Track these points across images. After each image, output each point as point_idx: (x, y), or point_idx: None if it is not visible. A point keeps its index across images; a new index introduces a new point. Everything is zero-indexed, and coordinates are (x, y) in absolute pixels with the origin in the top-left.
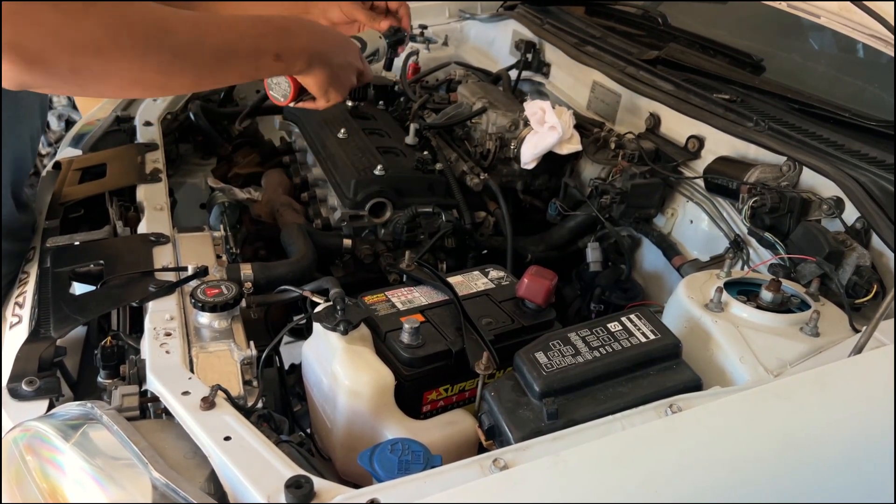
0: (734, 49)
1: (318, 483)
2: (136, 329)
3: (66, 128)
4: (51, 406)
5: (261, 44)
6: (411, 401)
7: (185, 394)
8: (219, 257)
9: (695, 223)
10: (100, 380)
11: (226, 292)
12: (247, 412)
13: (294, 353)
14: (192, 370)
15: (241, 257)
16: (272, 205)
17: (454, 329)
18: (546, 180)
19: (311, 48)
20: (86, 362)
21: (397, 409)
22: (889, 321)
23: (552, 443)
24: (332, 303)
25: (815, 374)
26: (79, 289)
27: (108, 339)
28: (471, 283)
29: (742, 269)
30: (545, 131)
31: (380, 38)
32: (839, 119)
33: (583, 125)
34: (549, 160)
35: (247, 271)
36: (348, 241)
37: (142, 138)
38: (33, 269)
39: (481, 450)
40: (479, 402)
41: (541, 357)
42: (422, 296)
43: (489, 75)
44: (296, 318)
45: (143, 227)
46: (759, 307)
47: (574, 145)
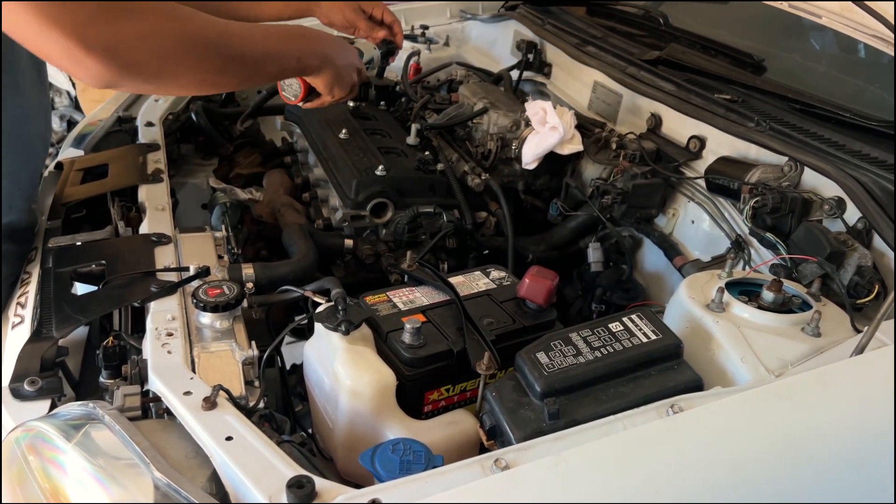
0: (735, 49)
1: (320, 483)
2: (138, 329)
3: (68, 128)
4: (53, 406)
5: (287, 49)
6: (413, 401)
7: (187, 394)
8: (220, 257)
9: (696, 223)
10: (101, 380)
11: (227, 292)
12: (248, 412)
13: (295, 353)
14: (193, 370)
15: (243, 257)
16: (273, 205)
17: (455, 329)
18: (547, 180)
19: (322, 51)
20: (87, 362)
21: (399, 410)
22: (890, 321)
23: (553, 443)
24: (333, 303)
25: (816, 375)
26: (81, 289)
27: (110, 339)
28: (472, 283)
29: (743, 269)
30: (546, 131)
31: (374, 49)
32: (840, 119)
33: (584, 125)
34: (551, 160)
35: (248, 271)
36: (349, 242)
37: (143, 139)
38: (35, 270)
39: (483, 450)
40: (480, 402)
41: (542, 357)
42: (423, 296)
43: (490, 76)
44: (297, 318)
45: (144, 228)
46: (760, 307)
47: (575, 145)
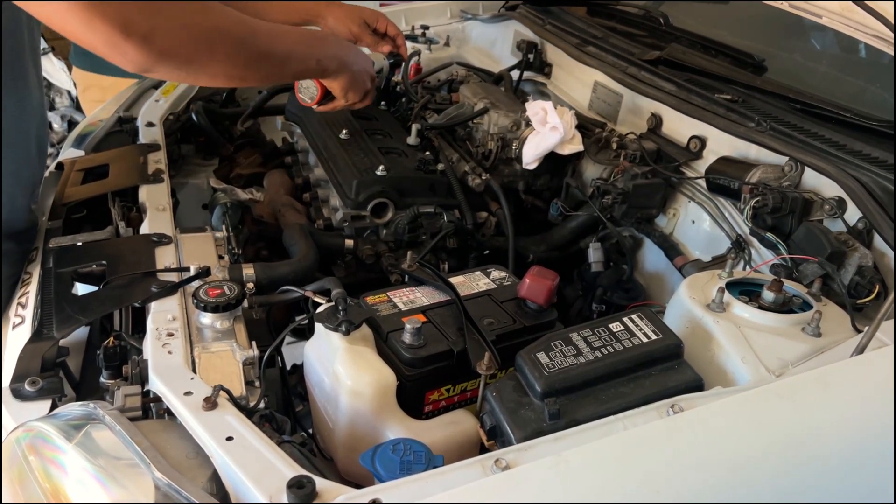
0: (736, 49)
1: (320, 483)
2: (139, 329)
3: (69, 128)
4: (53, 406)
5: (309, 51)
6: (413, 401)
7: (188, 394)
8: (221, 258)
9: (696, 223)
10: (102, 380)
11: (228, 293)
12: (249, 412)
13: (296, 353)
14: (194, 370)
15: (243, 258)
16: (274, 205)
17: (456, 329)
18: (548, 180)
19: (340, 55)
20: (88, 362)
21: (399, 410)
22: (891, 321)
23: (554, 443)
24: (333, 303)
25: (816, 375)
26: (81, 289)
27: (111, 339)
28: (472, 283)
29: (744, 269)
30: (547, 131)
31: (384, 60)
32: (841, 119)
33: (584, 125)
34: (551, 160)
35: (249, 272)
36: (350, 242)
37: (144, 139)
38: (36, 270)
39: (483, 450)
40: (480, 402)
41: (542, 357)
42: (423, 296)
43: (491, 76)
44: (298, 318)
45: (145, 228)
46: (760, 307)
47: (576, 145)
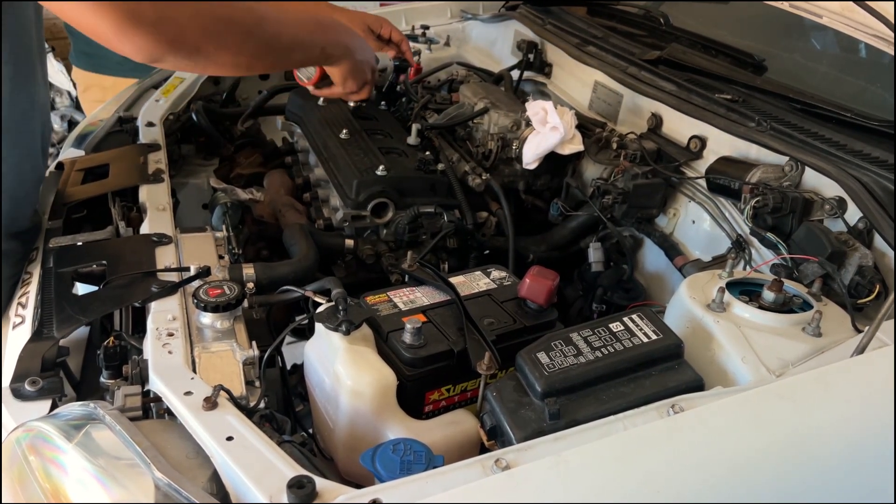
0: (736, 49)
1: (321, 483)
2: (139, 329)
3: (69, 128)
4: (53, 406)
5: (314, 39)
6: (413, 401)
7: (188, 394)
8: (221, 258)
9: (697, 223)
10: (102, 380)
11: (228, 292)
12: (249, 412)
13: (296, 353)
14: (194, 370)
15: (244, 257)
16: (274, 205)
17: (456, 329)
18: (548, 180)
19: (344, 43)
20: (88, 362)
21: (399, 410)
22: (891, 321)
23: (554, 443)
24: (334, 303)
25: (817, 375)
26: (81, 289)
27: (111, 339)
28: (472, 283)
29: (744, 269)
30: (547, 131)
31: (389, 60)
32: (841, 119)
33: (585, 125)
34: (551, 160)
35: (249, 271)
36: (350, 242)
37: (144, 139)
38: (36, 270)
39: (483, 450)
40: (480, 402)
41: (543, 357)
42: (424, 296)
43: (491, 75)
44: (298, 318)
45: (145, 228)
46: (761, 307)
47: (576, 145)
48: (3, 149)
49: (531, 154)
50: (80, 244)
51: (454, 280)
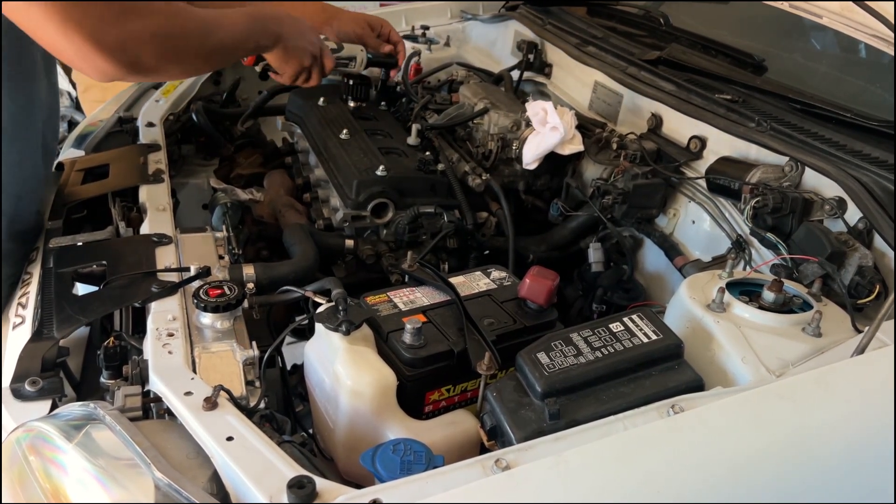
0: (736, 49)
1: (321, 483)
2: (139, 329)
3: (69, 129)
4: (53, 406)
5: (248, 34)
6: (413, 401)
7: (188, 394)
8: (221, 258)
9: (697, 223)
10: (102, 380)
11: (228, 293)
12: (249, 412)
13: (296, 353)
14: (194, 370)
15: (244, 258)
16: (274, 205)
17: (456, 329)
18: (548, 181)
19: (274, 31)
20: (88, 363)
21: (399, 410)
22: (891, 321)
23: (554, 443)
24: (334, 303)
25: (817, 375)
26: (81, 289)
27: (111, 339)
28: (473, 283)
29: (744, 269)
30: (547, 132)
31: (360, 51)
32: (841, 119)
33: (585, 125)
34: (551, 160)
35: (249, 272)
36: (350, 242)
37: (144, 139)
38: (36, 270)
39: (483, 450)
40: (480, 402)
41: (543, 357)
42: (424, 296)
43: (491, 76)
44: (298, 318)
45: (145, 228)
46: (761, 307)
47: (576, 146)
48: (2, 146)
49: (531, 154)
50: (80, 244)
51: (454, 280)
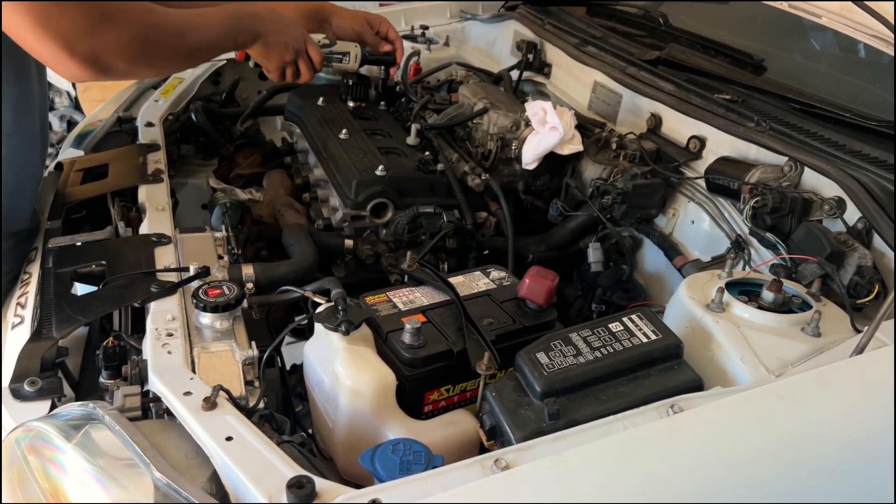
0: (735, 49)
1: (320, 483)
2: (138, 329)
3: (68, 128)
4: (53, 406)
5: (226, 33)
6: (413, 401)
7: (187, 394)
8: (220, 258)
9: (696, 223)
10: (101, 380)
11: (227, 293)
12: (248, 412)
13: (296, 353)
14: (193, 370)
15: (243, 258)
16: (274, 205)
17: (455, 329)
18: (547, 180)
19: (252, 29)
20: (87, 363)
21: (399, 410)
22: (890, 321)
23: (553, 443)
24: (333, 303)
25: (816, 375)
26: (81, 289)
27: (110, 339)
28: (472, 283)
29: (743, 269)
30: (546, 132)
31: (355, 47)
32: (840, 119)
33: (584, 125)
34: (551, 160)
35: (248, 272)
36: (350, 242)
37: (143, 139)
38: (35, 270)
39: (483, 450)
40: (480, 402)
41: (542, 357)
42: (423, 296)
43: (490, 76)
44: (297, 318)
45: (144, 228)
46: (760, 307)
47: (575, 146)
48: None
49: (530, 154)
50: (79, 244)
51: (454, 280)
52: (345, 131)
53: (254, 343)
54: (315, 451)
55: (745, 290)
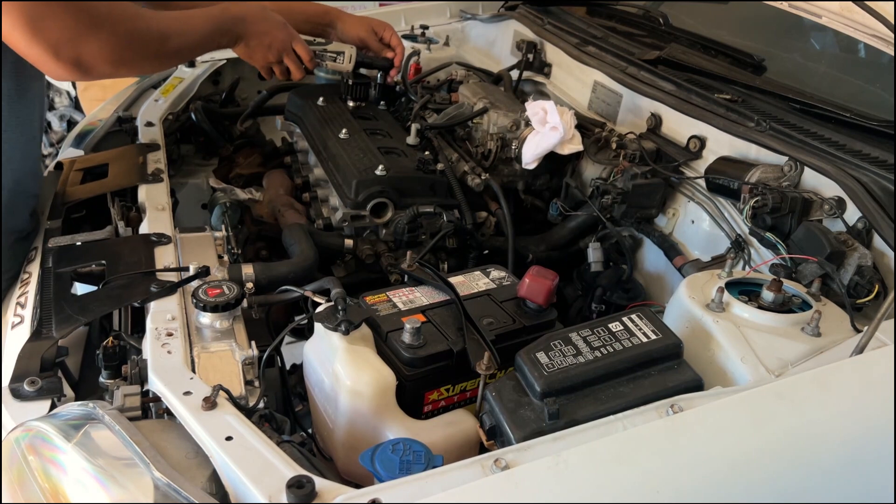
0: (735, 49)
1: (320, 483)
2: (138, 329)
3: (68, 128)
4: (52, 406)
5: (209, 35)
6: (412, 401)
7: (187, 394)
8: (220, 257)
9: (696, 223)
10: (101, 380)
11: (227, 292)
12: (248, 412)
13: (295, 353)
14: (193, 370)
15: (243, 257)
16: (274, 205)
17: (455, 329)
18: (547, 180)
19: (234, 30)
20: (87, 362)
21: (398, 409)
22: (890, 321)
23: (553, 443)
24: (333, 303)
25: (816, 374)
26: (80, 289)
27: (110, 339)
28: (472, 283)
29: (743, 269)
30: (547, 131)
31: (350, 47)
32: (840, 119)
33: (584, 125)
34: (551, 160)
35: (248, 271)
36: (350, 242)
37: (143, 139)
38: (35, 270)
39: (482, 450)
40: (480, 402)
41: (542, 357)
42: (423, 296)
43: (490, 75)
44: (297, 318)
45: (144, 228)
46: (760, 307)
47: (575, 145)
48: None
49: (530, 154)
50: (79, 244)
51: (453, 280)
52: (345, 131)
53: (254, 343)
54: (315, 451)
55: (745, 290)
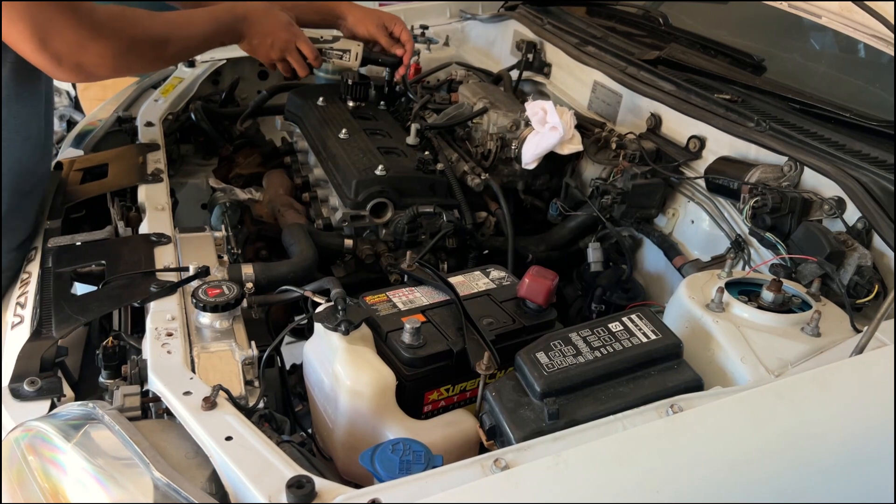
0: (735, 49)
1: (320, 483)
2: (138, 329)
3: (68, 128)
4: (52, 406)
5: (212, 34)
6: (412, 401)
7: (187, 394)
8: (220, 257)
9: (696, 223)
10: (101, 380)
11: (227, 292)
12: (248, 412)
13: (295, 353)
14: (193, 370)
15: (243, 257)
16: (273, 205)
17: (455, 329)
18: (547, 180)
19: (236, 29)
20: (87, 362)
21: (398, 410)
22: (890, 321)
23: (553, 443)
24: (333, 303)
25: (816, 374)
26: (80, 289)
27: (110, 339)
28: (472, 283)
29: (743, 269)
30: (546, 131)
31: (357, 45)
32: (840, 119)
33: (584, 125)
34: (551, 160)
35: (248, 271)
36: (349, 242)
37: (143, 139)
38: (35, 269)
39: (482, 450)
40: (480, 402)
41: (542, 357)
42: (423, 296)
43: (490, 75)
44: (297, 318)
45: (144, 228)
46: (760, 307)
47: (575, 145)
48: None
49: (530, 154)
50: (78, 244)
51: (453, 280)
52: (344, 131)
53: (253, 343)
54: (315, 450)
55: (745, 290)
